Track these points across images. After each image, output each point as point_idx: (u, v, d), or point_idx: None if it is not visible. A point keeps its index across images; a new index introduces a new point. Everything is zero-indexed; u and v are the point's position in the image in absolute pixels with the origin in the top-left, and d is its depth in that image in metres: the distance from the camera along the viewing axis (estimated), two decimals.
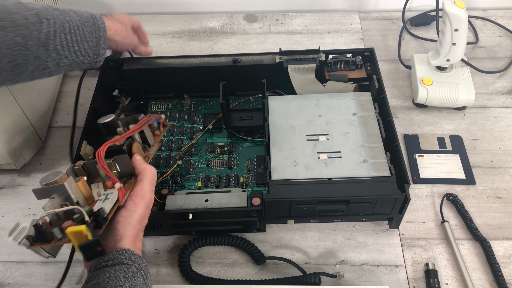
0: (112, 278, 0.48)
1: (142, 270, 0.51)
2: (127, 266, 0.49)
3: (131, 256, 0.50)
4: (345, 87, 0.77)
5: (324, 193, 0.62)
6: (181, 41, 1.00)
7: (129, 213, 0.54)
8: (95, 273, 0.49)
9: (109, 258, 0.49)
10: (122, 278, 0.48)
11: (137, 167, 0.58)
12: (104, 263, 0.49)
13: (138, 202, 0.55)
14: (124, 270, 0.49)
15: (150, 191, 0.57)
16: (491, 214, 0.70)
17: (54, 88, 0.87)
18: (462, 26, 0.75)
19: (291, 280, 0.63)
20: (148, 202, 0.56)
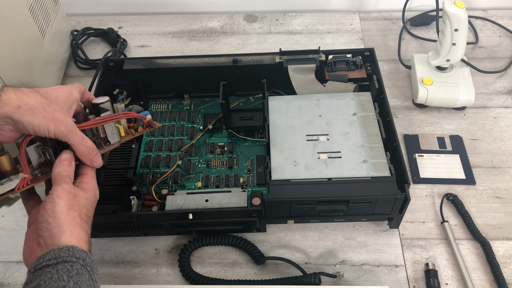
0: (54, 278, 0.44)
1: (88, 265, 0.47)
2: (70, 264, 0.46)
3: (75, 253, 0.47)
4: (345, 87, 0.77)
5: (324, 193, 0.62)
6: (181, 41, 1.00)
7: (52, 205, 0.50)
8: (35, 274, 0.45)
9: (50, 257, 0.46)
10: (66, 277, 0.45)
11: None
12: (45, 262, 0.46)
13: (60, 194, 0.51)
14: (68, 269, 0.45)
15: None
16: (491, 214, 0.70)
17: None
18: (462, 26, 0.75)
19: (291, 280, 0.63)
20: (76, 190, 0.53)
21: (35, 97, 0.52)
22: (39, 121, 0.51)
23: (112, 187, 0.73)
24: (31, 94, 0.51)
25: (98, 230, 0.67)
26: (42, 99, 0.52)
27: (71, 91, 0.57)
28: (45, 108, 0.51)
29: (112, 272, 0.66)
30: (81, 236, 0.49)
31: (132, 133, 0.65)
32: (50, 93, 0.54)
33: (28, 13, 0.78)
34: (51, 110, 0.52)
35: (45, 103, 0.52)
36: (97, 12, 1.08)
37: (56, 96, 0.55)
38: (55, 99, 0.54)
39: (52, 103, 0.53)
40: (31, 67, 0.78)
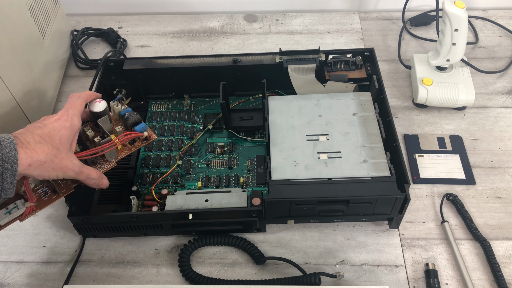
0: None
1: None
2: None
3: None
4: (345, 87, 0.77)
5: (324, 193, 0.62)
6: (181, 41, 1.00)
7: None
8: None
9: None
10: None
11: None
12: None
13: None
14: None
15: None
16: (491, 214, 0.70)
17: (54, 88, 0.88)
18: (462, 26, 0.75)
19: (291, 280, 0.63)
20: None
21: (43, 150, 0.54)
22: (49, 173, 0.56)
23: (112, 187, 0.72)
24: (38, 147, 0.54)
25: (98, 230, 0.67)
26: (49, 150, 0.55)
27: (72, 124, 0.60)
28: (53, 160, 0.55)
29: (112, 272, 0.66)
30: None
31: (128, 148, 0.66)
32: (54, 135, 0.57)
33: (28, 13, 0.78)
34: (59, 160, 0.56)
35: (52, 154, 0.55)
36: (97, 12, 1.08)
37: (60, 137, 0.57)
38: (59, 141, 0.57)
39: (58, 151, 0.56)
40: (31, 67, 0.78)
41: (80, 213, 0.66)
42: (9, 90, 0.71)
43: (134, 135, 0.66)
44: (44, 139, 0.55)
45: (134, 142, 0.67)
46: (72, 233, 0.70)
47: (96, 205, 0.71)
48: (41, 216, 0.72)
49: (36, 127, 0.57)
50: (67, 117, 0.60)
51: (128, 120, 0.66)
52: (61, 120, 0.59)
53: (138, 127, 0.67)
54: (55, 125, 0.58)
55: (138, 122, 0.67)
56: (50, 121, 0.58)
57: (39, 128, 0.56)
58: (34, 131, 0.56)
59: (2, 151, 0.50)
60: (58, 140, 0.57)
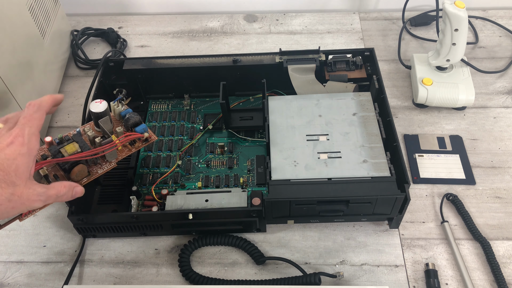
0: None
1: None
2: None
3: None
4: (345, 87, 0.77)
5: (324, 193, 0.62)
6: (181, 41, 1.00)
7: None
8: None
9: None
10: None
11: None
12: None
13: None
14: None
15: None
16: (491, 214, 0.70)
17: (54, 88, 0.88)
18: (462, 26, 0.75)
19: (291, 280, 0.63)
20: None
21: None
22: (11, 212, 0.49)
23: (112, 187, 0.73)
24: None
25: (98, 230, 0.67)
26: (6, 189, 0.47)
27: (30, 149, 0.50)
28: (10, 199, 0.48)
29: (112, 272, 0.66)
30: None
31: (129, 148, 0.66)
32: (8, 167, 0.48)
33: (28, 13, 0.78)
34: (17, 197, 0.48)
35: (8, 193, 0.48)
36: (97, 12, 1.08)
37: (16, 168, 0.48)
38: (15, 173, 0.48)
39: (15, 187, 0.48)
40: (31, 67, 0.78)
41: (80, 213, 0.66)
42: (9, 90, 0.71)
43: (135, 136, 0.66)
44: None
45: (134, 142, 0.67)
46: (72, 233, 0.70)
47: (96, 205, 0.71)
48: (41, 216, 0.72)
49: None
50: (22, 139, 0.50)
51: (128, 121, 0.66)
52: (15, 144, 0.49)
53: (138, 128, 0.67)
54: (8, 153, 0.48)
55: (138, 123, 0.67)
56: (2, 145, 0.49)
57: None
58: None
59: None
60: (13, 172, 0.48)
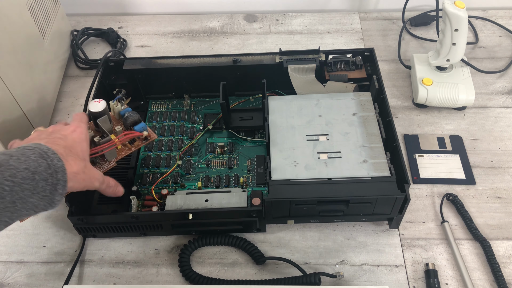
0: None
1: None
2: (28, 148, 0.49)
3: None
4: (345, 87, 0.77)
5: (324, 193, 0.62)
6: (181, 41, 1.00)
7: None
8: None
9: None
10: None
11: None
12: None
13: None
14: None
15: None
16: (491, 214, 0.70)
17: (54, 88, 0.88)
18: (462, 26, 0.75)
19: (291, 280, 0.63)
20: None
21: (75, 162, 0.54)
22: (79, 184, 0.55)
23: None
24: (70, 159, 0.53)
25: (98, 230, 0.67)
26: (80, 162, 0.55)
27: (87, 137, 0.61)
28: (84, 171, 0.56)
29: (112, 272, 0.66)
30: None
31: (128, 147, 0.66)
32: (76, 147, 0.57)
33: (28, 13, 0.78)
34: (88, 171, 0.57)
35: (82, 165, 0.55)
36: (97, 12, 1.08)
37: (82, 149, 0.58)
38: (82, 153, 0.57)
39: (86, 163, 0.57)
40: (31, 67, 0.78)
41: (80, 213, 0.66)
42: (9, 90, 0.71)
43: (134, 135, 0.66)
44: (71, 150, 0.55)
45: (134, 141, 0.67)
46: (72, 233, 0.70)
47: (96, 205, 0.71)
48: (41, 216, 0.72)
49: (57, 138, 0.56)
50: (81, 129, 0.60)
51: (127, 119, 0.67)
52: (78, 132, 0.59)
53: (137, 127, 0.67)
54: (75, 137, 0.58)
55: (138, 122, 0.67)
56: (68, 132, 0.58)
57: (61, 140, 0.56)
58: (58, 142, 0.55)
59: (51, 162, 0.49)
60: (81, 153, 0.57)
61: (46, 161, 0.49)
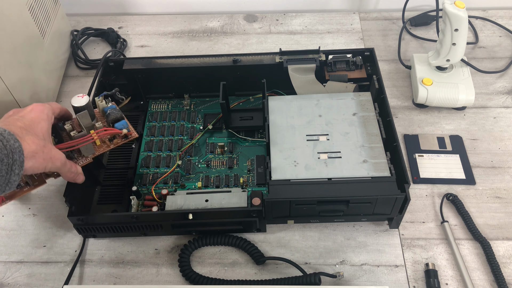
0: None
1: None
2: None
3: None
4: (345, 87, 0.77)
5: (324, 193, 0.62)
6: (181, 41, 1.00)
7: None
8: None
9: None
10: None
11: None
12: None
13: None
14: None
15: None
16: (491, 214, 0.70)
17: (54, 88, 0.88)
18: (462, 26, 0.75)
19: (291, 280, 0.63)
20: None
21: (33, 141, 0.53)
22: (39, 163, 0.54)
23: (112, 187, 0.73)
24: (28, 138, 0.53)
25: (98, 230, 0.67)
26: (38, 141, 0.54)
27: (48, 116, 0.59)
28: (43, 150, 0.54)
29: (112, 272, 0.66)
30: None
31: (107, 144, 0.66)
32: (35, 127, 0.56)
33: (28, 13, 0.78)
34: (48, 150, 0.55)
35: (41, 144, 0.54)
36: (97, 12, 1.08)
37: (41, 128, 0.56)
38: (41, 132, 0.56)
39: (45, 141, 0.56)
40: (31, 67, 0.78)
41: (80, 213, 0.66)
42: (9, 90, 0.71)
43: (112, 132, 0.65)
44: (28, 130, 0.54)
45: (114, 139, 0.67)
46: (72, 233, 0.70)
47: (96, 205, 0.71)
48: (41, 216, 0.72)
49: (14, 119, 0.55)
50: (42, 107, 0.59)
51: (109, 116, 0.66)
52: (35, 111, 0.58)
53: (118, 124, 0.66)
54: (33, 116, 0.57)
55: (119, 119, 0.67)
56: (25, 112, 0.57)
57: (18, 121, 0.55)
58: (14, 123, 0.54)
59: (7, 143, 0.49)
60: (40, 132, 0.56)
61: (1, 143, 0.48)
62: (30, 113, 0.57)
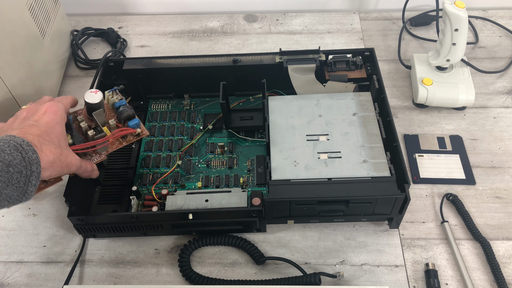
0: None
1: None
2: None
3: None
4: (345, 87, 0.77)
5: (324, 193, 0.62)
6: (181, 41, 1.00)
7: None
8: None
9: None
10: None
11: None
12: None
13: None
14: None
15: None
16: (491, 214, 0.70)
17: (54, 88, 0.88)
18: (462, 26, 0.75)
19: (291, 280, 0.63)
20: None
21: (50, 151, 0.54)
22: (56, 172, 0.56)
23: (112, 187, 0.73)
24: (45, 148, 0.54)
25: (98, 230, 0.67)
26: (55, 149, 0.55)
27: (63, 119, 0.59)
28: (60, 159, 0.55)
29: (112, 272, 0.66)
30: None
31: (120, 142, 0.66)
32: (51, 133, 0.55)
33: (28, 13, 0.78)
34: (64, 158, 0.56)
35: (58, 153, 0.55)
36: (97, 12, 1.08)
37: (56, 134, 0.56)
38: (57, 138, 0.56)
39: (61, 149, 0.56)
40: (31, 67, 0.78)
41: (80, 213, 0.66)
42: (9, 90, 0.71)
43: (128, 132, 0.66)
44: (45, 138, 0.54)
45: (125, 137, 0.67)
46: (72, 233, 0.70)
47: (96, 205, 0.71)
48: (41, 216, 0.72)
49: (30, 125, 0.55)
50: (56, 108, 0.58)
51: (122, 114, 0.66)
52: (50, 113, 0.57)
53: (131, 123, 0.66)
54: (48, 121, 0.56)
55: (132, 117, 0.67)
56: (39, 115, 0.57)
57: (35, 127, 0.55)
58: (30, 130, 0.54)
59: (26, 155, 0.49)
60: (56, 138, 0.56)
61: (21, 154, 0.49)
62: (44, 116, 0.57)
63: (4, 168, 0.47)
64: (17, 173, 0.48)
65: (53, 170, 0.54)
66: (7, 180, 0.48)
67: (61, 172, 0.57)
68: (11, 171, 0.48)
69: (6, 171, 0.48)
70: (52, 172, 0.55)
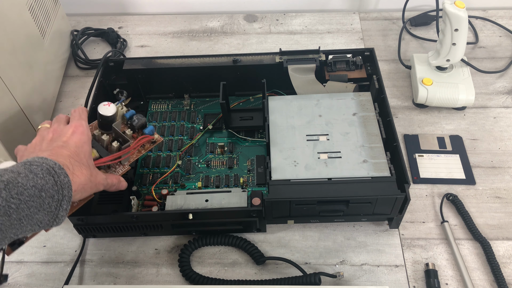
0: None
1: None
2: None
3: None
4: (345, 87, 0.77)
5: (324, 193, 0.62)
6: (181, 41, 1.00)
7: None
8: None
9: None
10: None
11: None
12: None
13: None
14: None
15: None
16: (491, 214, 0.70)
17: (54, 88, 0.88)
18: (462, 26, 0.75)
19: (291, 280, 0.63)
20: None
21: (82, 173, 0.54)
22: (87, 193, 0.56)
23: None
24: (76, 170, 0.53)
25: (98, 230, 0.67)
26: (86, 171, 0.55)
27: (89, 138, 0.59)
28: (91, 180, 0.55)
29: (112, 272, 0.66)
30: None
31: (139, 150, 0.67)
32: (80, 154, 0.56)
33: (28, 13, 0.78)
34: (93, 178, 0.56)
35: (88, 174, 0.55)
36: (97, 12, 1.08)
37: (84, 154, 0.56)
38: (85, 159, 0.56)
39: (90, 170, 0.56)
40: (31, 67, 0.78)
41: (80, 213, 0.66)
42: (9, 90, 0.71)
43: (148, 139, 0.67)
44: (76, 159, 0.54)
45: (143, 145, 0.68)
46: (72, 233, 0.70)
47: (96, 205, 0.71)
48: None
49: (60, 147, 0.55)
50: (82, 129, 0.58)
51: (136, 123, 0.67)
52: (78, 134, 0.57)
53: (147, 130, 0.68)
54: (76, 141, 0.56)
55: (145, 125, 0.68)
56: (68, 136, 0.57)
57: (64, 148, 0.55)
58: (61, 152, 0.54)
59: (58, 178, 0.49)
60: (84, 158, 0.56)
61: (53, 178, 0.48)
62: (73, 136, 0.57)
63: (37, 193, 0.47)
64: (49, 198, 0.47)
65: (84, 192, 0.54)
66: (39, 205, 0.47)
67: (90, 192, 0.56)
68: (43, 196, 0.47)
69: (39, 196, 0.47)
70: (82, 194, 0.55)
